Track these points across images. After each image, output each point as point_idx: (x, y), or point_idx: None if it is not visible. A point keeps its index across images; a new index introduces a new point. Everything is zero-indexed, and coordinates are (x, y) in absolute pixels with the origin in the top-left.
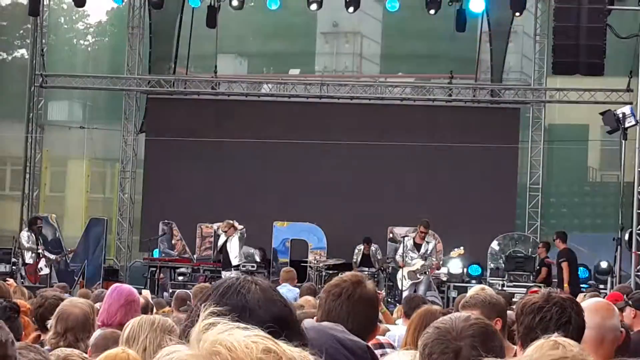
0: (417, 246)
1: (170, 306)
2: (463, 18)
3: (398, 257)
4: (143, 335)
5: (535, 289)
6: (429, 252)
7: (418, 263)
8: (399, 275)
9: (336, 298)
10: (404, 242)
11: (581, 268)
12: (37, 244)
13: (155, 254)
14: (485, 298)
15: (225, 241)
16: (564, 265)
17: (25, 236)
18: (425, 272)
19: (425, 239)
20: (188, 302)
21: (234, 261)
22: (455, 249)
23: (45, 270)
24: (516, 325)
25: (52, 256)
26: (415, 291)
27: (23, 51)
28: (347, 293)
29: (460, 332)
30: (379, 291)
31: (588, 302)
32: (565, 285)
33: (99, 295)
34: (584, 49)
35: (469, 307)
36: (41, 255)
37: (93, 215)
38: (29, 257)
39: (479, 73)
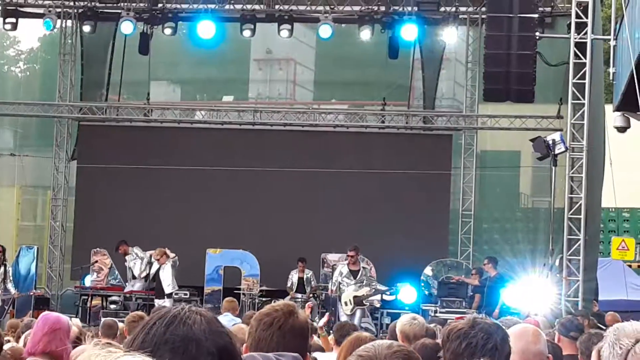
0: (352, 272)
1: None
2: (395, 45)
3: (331, 286)
4: None
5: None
6: (367, 277)
7: (363, 289)
8: (343, 299)
9: (267, 328)
10: (338, 269)
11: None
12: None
13: (85, 282)
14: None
15: (158, 269)
16: (501, 291)
17: None
18: (369, 302)
19: (362, 265)
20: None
21: (167, 289)
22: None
23: None
24: (442, 352)
25: (12, 289)
26: (352, 317)
27: None
28: (279, 323)
29: (385, 359)
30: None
31: (514, 328)
32: (496, 311)
33: (29, 324)
34: (514, 76)
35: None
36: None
37: (24, 244)
38: None
39: (412, 100)
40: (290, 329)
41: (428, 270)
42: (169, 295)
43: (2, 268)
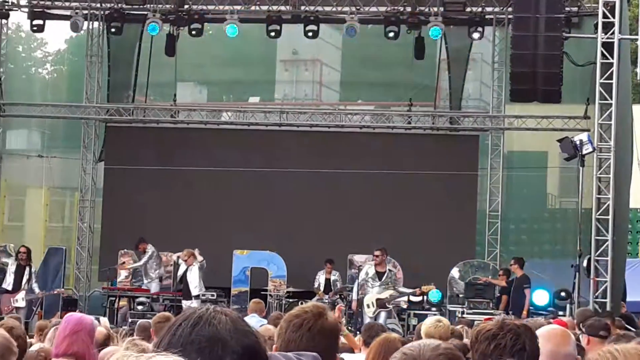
0: (378, 274)
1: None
2: (422, 46)
3: (356, 287)
4: None
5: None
6: (392, 279)
7: (387, 292)
8: (366, 302)
9: (296, 329)
10: (364, 270)
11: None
12: (19, 274)
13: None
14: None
15: (185, 271)
16: (527, 291)
17: (8, 268)
18: (394, 303)
19: (388, 267)
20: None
21: (194, 291)
22: (426, 285)
23: (21, 303)
24: (471, 353)
25: (37, 290)
26: (376, 319)
27: None
28: (308, 325)
29: (429, 359)
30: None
31: (542, 329)
32: (525, 312)
33: (57, 325)
34: (541, 76)
35: None
36: (23, 288)
37: (52, 245)
38: (6, 285)
39: (438, 100)
40: (320, 330)
41: (455, 271)
42: (196, 297)
43: (27, 269)
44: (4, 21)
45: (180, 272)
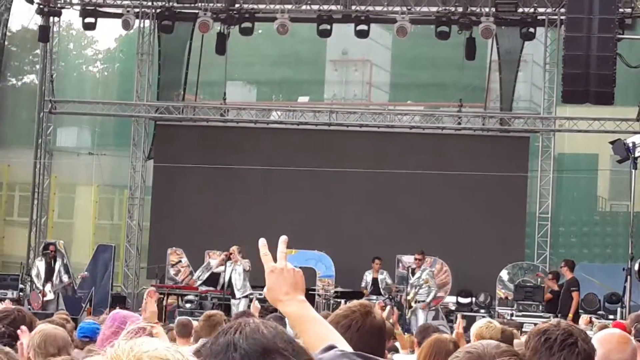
0: (413, 274)
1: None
2: (472, 46)
3: (409, 289)
4: None
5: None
6: (420, 281)
7: (412, 292)
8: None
9: (345, 330)
10: (409, 272)
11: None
12: (49, 271)
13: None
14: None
15: (231, 271)
16: (575, 294)
17: (36, 265)
18: (423, 300)
19: (422, 267)
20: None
21: (237, 294)
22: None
23: (50, 296)
24: (524, 350)
25: (66, 279)
26: (413, 319)
27: (33, 77)
28: (357, 325)
29: (494, 357)
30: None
31: (600, 333)
32: (570, 315)
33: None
34: (593, 77)
35: None
36: (52, 280)
37: (101, 242)
38: (38, 284)
39: (488, 102)
40: (369, 329)
41: (504, 274)
42: (246, 296)
43: (57, 263)
44: (55, 19)
45: (227, 272)
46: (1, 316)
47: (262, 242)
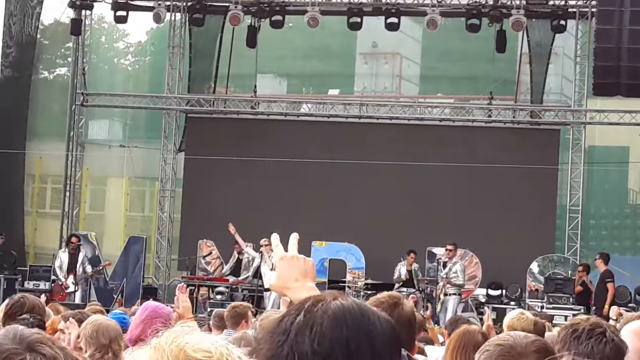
0: (444, 266)
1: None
2: (503, 39)
3: (440, 281)
4: None
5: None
6: (451, 273)
7: (441, 284)
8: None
9: None
10: (439, 264)
11: None
12: (72, 262)
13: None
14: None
15: (260, 262)
16: (610, 285)
17: (59, 256)
18: (455, 293)
19: (453, 260)
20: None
21: (266, 284)
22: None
23: (72, 288)
24: (555, 342)
25: (89, 270)
26: (443, 312)
27: (64, 70)
28: None
29: (525, 348)
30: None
31: (632, 324)
32: (606, 306)
33: (135, 313)
34: (625, 70)
35: None
36: (74, 272)
37: (132, 234)
38: (61, 275)
39: (519, 94)
40: (397, 320)
41: (534, 266)
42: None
43: (80, 255)
44: (87, 12)
45: (256, 264)
46: (18, 308)
47: (275, 236)
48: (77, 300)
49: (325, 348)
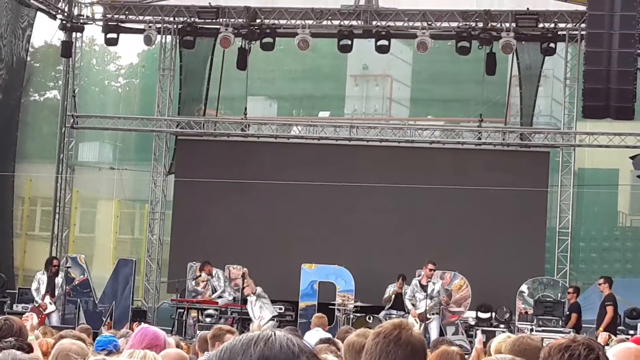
0: (422, 287)
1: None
2: (493, 61)
3: (407, 301)
4: None
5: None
6: (435, 292)
7: (423, 306)
8: (409, 320)
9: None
10: (412, 284)
11: None
12: (50, 284)
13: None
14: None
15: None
16: (609, 309)
17: (37, 278)
18: (436, 312)
19: (432, 280)
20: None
21: (256, 322)
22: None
23: (51, 308)
24: None
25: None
26: (426, 332)
27: (55, 92)
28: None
29: None
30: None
31: (616, 348)
32: (600, 329)
33: (125, 335)
34: (614, 92)
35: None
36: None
37: (121, 256)
38: (37, 297)
39: (509, 117)
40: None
41: (524, 288)
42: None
43: (59, 279)
44: (78, 35)
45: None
46: (7, 331)
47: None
48: (54, 322)
49: None
